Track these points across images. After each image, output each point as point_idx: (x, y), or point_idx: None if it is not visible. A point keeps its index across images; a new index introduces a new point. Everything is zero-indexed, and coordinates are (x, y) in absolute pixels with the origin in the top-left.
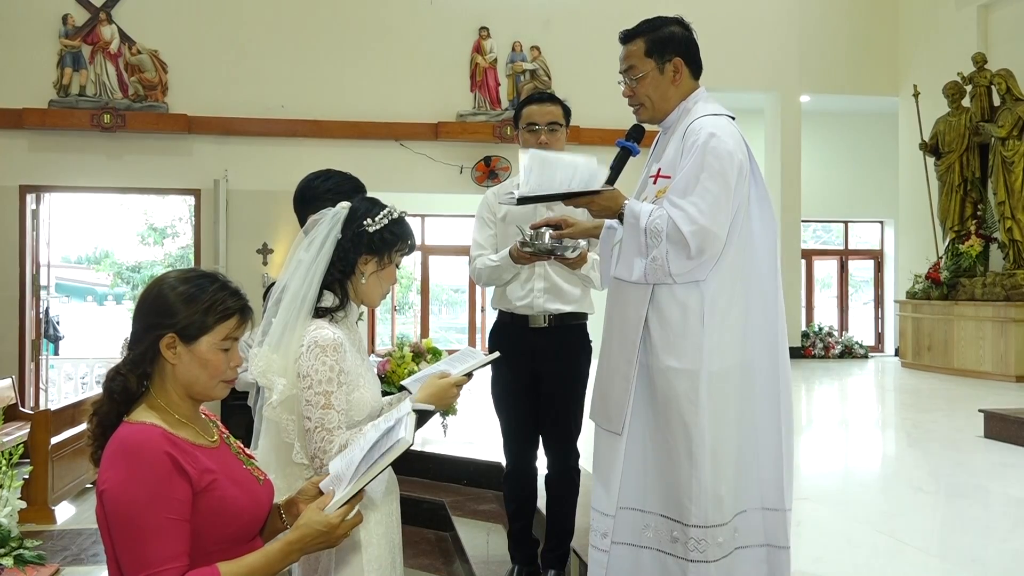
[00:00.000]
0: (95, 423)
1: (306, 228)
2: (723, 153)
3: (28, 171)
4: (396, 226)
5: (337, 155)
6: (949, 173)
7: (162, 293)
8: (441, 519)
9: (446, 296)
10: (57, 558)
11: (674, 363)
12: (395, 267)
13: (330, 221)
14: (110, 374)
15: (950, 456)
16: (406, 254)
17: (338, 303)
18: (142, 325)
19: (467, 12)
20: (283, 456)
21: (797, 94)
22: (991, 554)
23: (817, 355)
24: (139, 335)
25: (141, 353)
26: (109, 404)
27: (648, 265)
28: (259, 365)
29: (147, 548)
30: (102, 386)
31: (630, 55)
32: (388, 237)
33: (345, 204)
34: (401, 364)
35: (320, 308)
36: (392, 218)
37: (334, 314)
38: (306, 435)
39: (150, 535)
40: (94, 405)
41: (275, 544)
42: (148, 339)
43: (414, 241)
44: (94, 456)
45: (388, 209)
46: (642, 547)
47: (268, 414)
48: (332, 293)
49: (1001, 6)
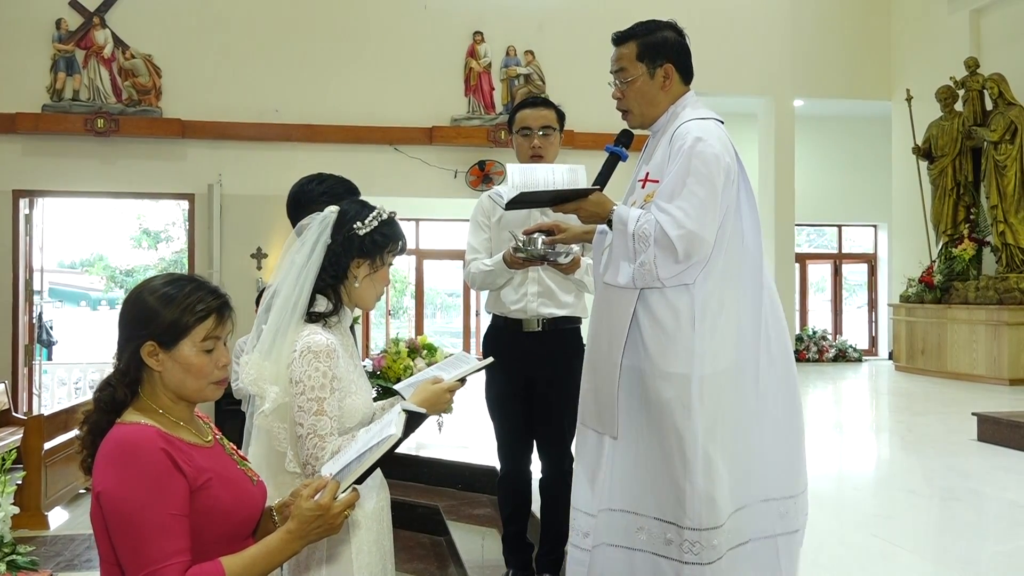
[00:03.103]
0: (86, 430)
1: (296, 230)
2: (709, 157)
3: (21, 176)
4: (386, 227)
5: (331, 159)
6: (942, 177)
7: (139, 300)
8: (435, 523)
9: (440, 300)
10: (50, 564)
11: (665, 367)
12: (388, 268)
13: (319, 226)
14: (101, 385)
15: (943, 459)
16: (398, 254)
17: (331, 308)
18: (124, 336)
19: (461, 16)
20: (274, 464)
21: (790, 98)
22: (984, 557)
23: (811, 359)
24: (122, 346)
25: (126, 364)
26: (99, 414)
27: (636, 270)
28: (250, 373)
29: (149, 546)
30: (92, 397)
31: (621, 57)
32: (379, 239)
33: (333, 208)
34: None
35: (313, 313)
36: (382, 219)
37: (327, 319)
38: (298, 441)
39: (151, 533)
40: (84, 414)
41: (274, 535)
42: (130, 349)
43: (405, 241)
44: (85, 463)
45: (377, 211)
46: (635, 549)
47: (259, 422)
48: (325, 298)
49: (993, 11)
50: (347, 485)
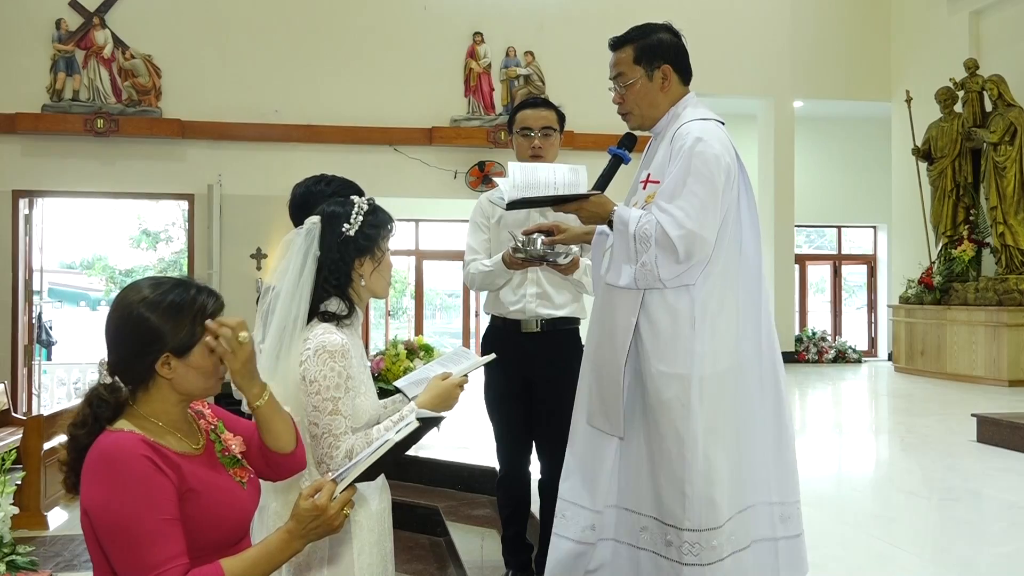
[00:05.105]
0: (72, 447)
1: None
2: (710, 157)
3: (21, 176)
4: (372, 216)
5: (331, 160)
6: (941, 178)
7: (141, 317)
8: (435, 524)
9: (440, 300)
10: (49, 564)
11: (665, 368)
12: (388, 253)
13: (305, 240)
14: (92, 399)
15: (943, 460)
16: (392, 235)
17: (345, 311)
18: (129, 353)
19: (461, 17)
20: None
21: (790, 99)
22: (984, 558)
23: (811, 359)
24: (128, 362)
25: (135, 378)
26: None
27: (638, 271)
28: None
29: (144, 554)
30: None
31: (619, 62)
32: (370, 231)
33: (314, 219)
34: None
35: (327, 313)
36: (364, 211)
37: (341, 320)
38: (312, 440)
39: (145, 541)
40: (71, 428)
41: (274, 535)
42: (143, 365)
43: (393, 220)
44: (68, 480)
45: (357, 205)
46: (640, 548)
47: None
48: (338, 298)
49: (992, 12)
50: (345, 486)
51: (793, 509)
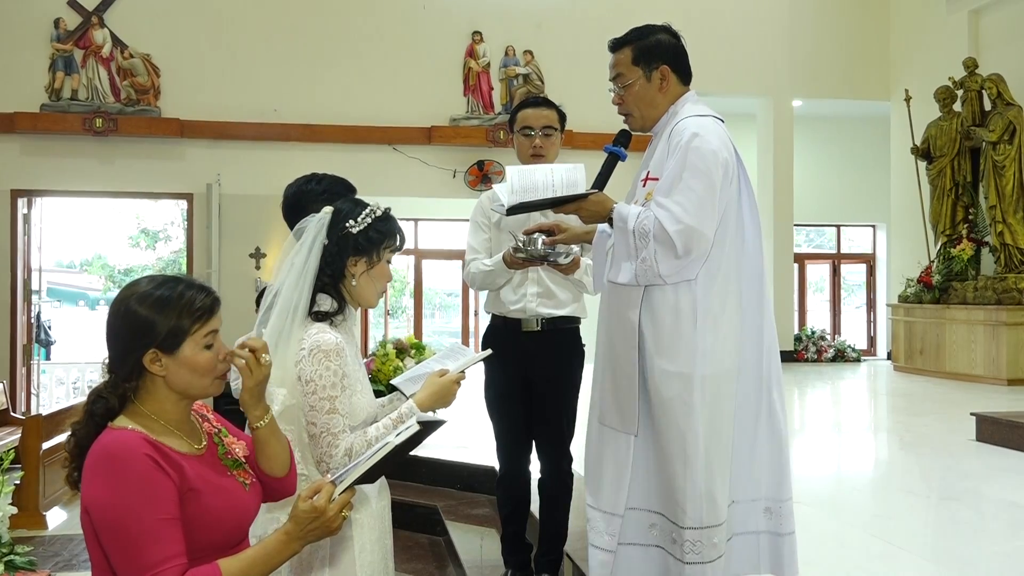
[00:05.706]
0: (73, 444)
1: (295, 232)
2: (706, 152)
3: (19, 175)
4: (381, 223)
5: (330, 159)
6: (940, 177)
7: (131, 311)
8: (434, 523)
9: (439, 300)
10: (48, 564)
11: (667, 366)
12: (387, 264)
13: (315, 227)
14: (92, 397)
15: (942, 459)
16: (396, 250)
17: (336, 308)
18: (121, 348)
19: (460, 16)
20: None
21: (789, 99)
22: (983, 557)
23: (810, 359)
24: (121, 357)
25: (126, 374)
26: (88, 426)
27: (638, 267)
28: None
29: (143, 553)
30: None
31: (618, 63)
32: (374, 236)
33: (328, 208)
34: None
35: (319, 312)
36: (376, 216)
37: (333, 318)
38: (311, 440)
39: (144, 539)
40: (73, 426)
41: (273, 536)
42: (131, 360)
43: (403, 236)
44: (71, 476)
45: (371, 208)
46: (650, 545)
47: None
48: (329, 297)
49: (991, 11)
50: (343, 488)
51: (784, 506)
